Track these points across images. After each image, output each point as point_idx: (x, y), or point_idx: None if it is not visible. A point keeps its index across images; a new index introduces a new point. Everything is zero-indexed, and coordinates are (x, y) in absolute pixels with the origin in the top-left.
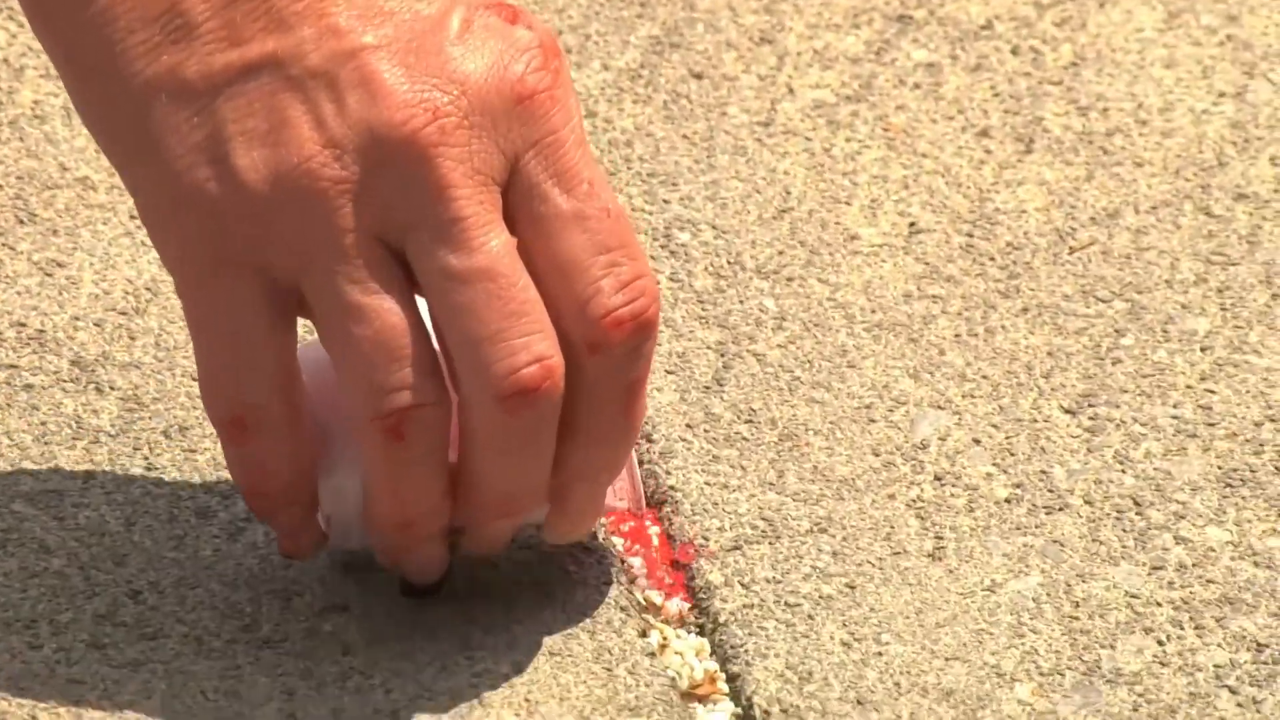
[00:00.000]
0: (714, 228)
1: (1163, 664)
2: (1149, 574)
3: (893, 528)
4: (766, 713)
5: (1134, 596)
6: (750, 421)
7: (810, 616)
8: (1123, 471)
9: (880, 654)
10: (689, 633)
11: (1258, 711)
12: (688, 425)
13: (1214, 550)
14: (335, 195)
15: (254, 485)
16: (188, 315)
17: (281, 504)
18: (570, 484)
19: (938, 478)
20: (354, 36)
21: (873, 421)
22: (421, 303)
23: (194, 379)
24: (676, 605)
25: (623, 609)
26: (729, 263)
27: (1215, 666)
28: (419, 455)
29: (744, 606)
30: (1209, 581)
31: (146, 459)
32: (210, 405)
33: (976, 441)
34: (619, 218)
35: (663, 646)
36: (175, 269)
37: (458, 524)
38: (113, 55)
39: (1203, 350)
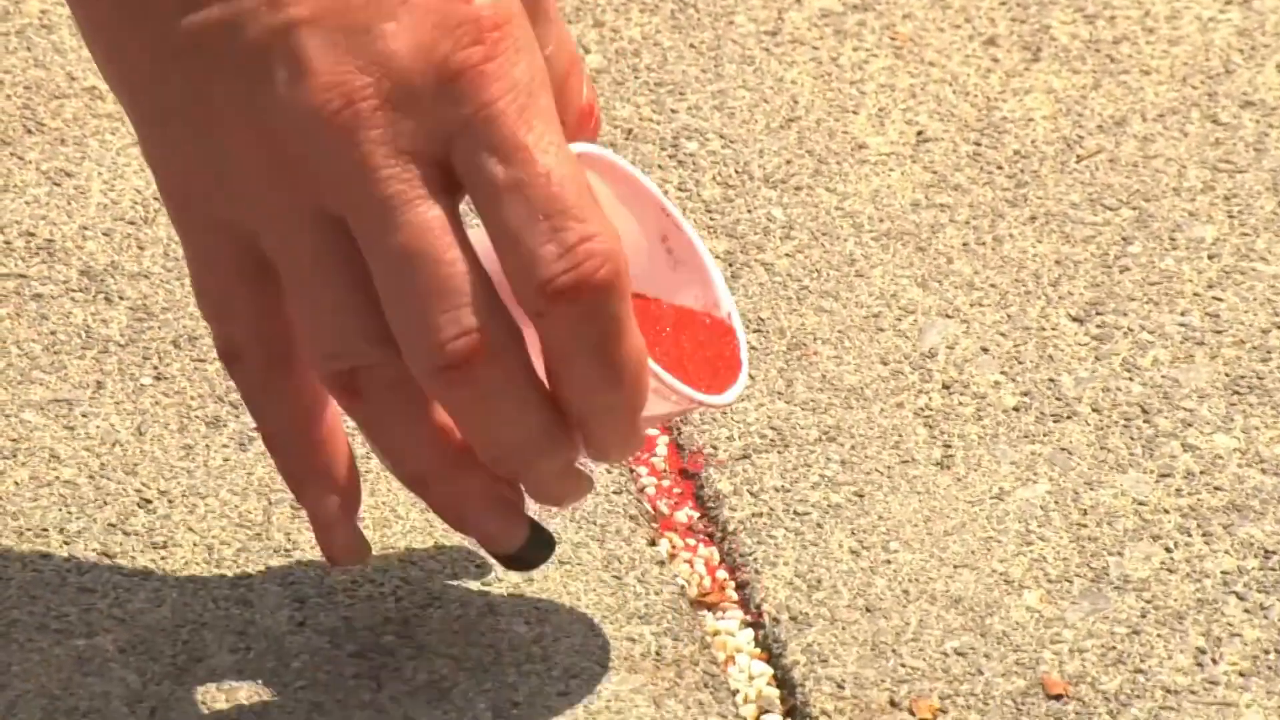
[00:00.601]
0: (722, 137)
1: (1170, 570)
2: (1157, 481)
3: (901, 436)
4: (775, 620)
5: (1142, 504)
6: (759, 330)
7: (819, 525)
8: (1130, 379)
9: (889, 562)
10: (698, 541)
11: (1265, 617)
12: None
13: (1221, 457)
14: (276, 171)
15: (254, 413)
16: (183, 251)
17: (310, 474)
18: (585, 423)
19: (946, 386)
20: (290, 9)
21: (881, 330)
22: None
23: None
24: (685, 514)
25: (632, 518)
26: (737, 172)
27: (1223, 573)
28: (385, 411)
29: (753, 515)
30: (1216, 488)
31: (156, 368)
32: (215, 338)
33: (984, 350)
34: (563, 181)
35: (672, 555)
36: (166, 204)
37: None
38: (87, 19)
39: (1210, 258)
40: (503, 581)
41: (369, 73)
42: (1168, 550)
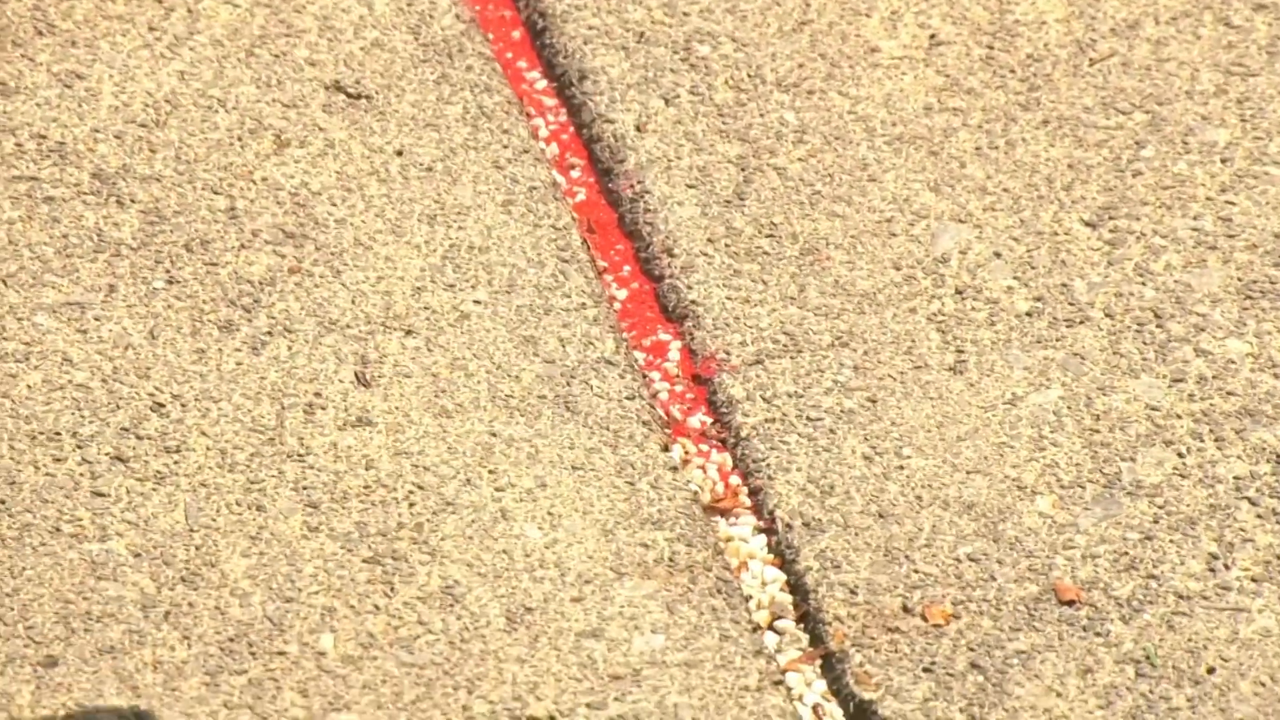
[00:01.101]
0: (734, 40)
1: (1183, 476)
2: (1169, 386)
3: (914, 342)
4: (789, 525)
5: (1154, 409)
6: (771, 235)
7: (832, 430)
8: (1143, 284)
9: (901, 467)
10: (711, 447)
11: (1278, 523)
12: (709, 239)
13: (1234, 362)
14: None
15: None
16: None
17: None
18: None
19: (959, 291)
20: None
21: (893, 235)
22: None
23: (215, 192)
24: (698, 420)
25: (645, 423)
26: (749, 76)
27: (1235, 478)
28: None
29: (765, 421)
30: (1229, 393)
31: (168, 272)
32: None
33: (997, 255)
34: None
35: (685, 461)
36: None
37: None
38: None
39: (1223, 162)
40: (515, 487)
41: None
42: (1180, 455)
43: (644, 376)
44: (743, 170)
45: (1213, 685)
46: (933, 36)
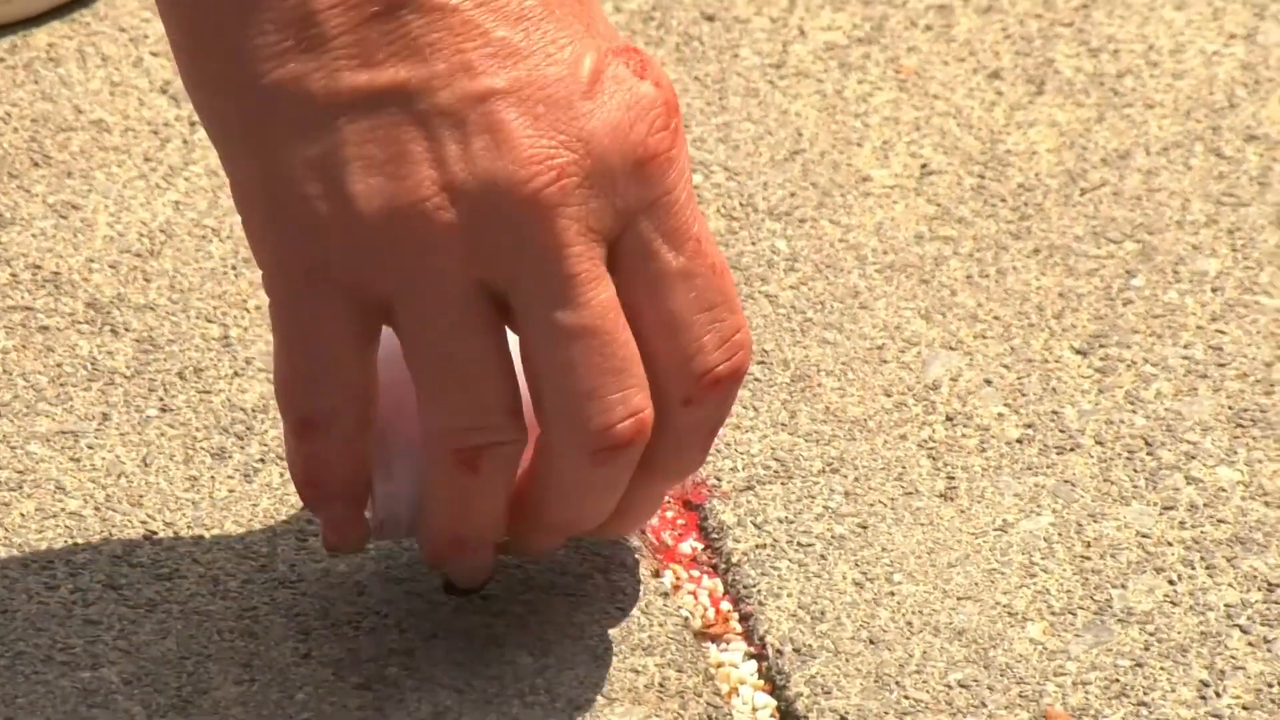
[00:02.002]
0: (726, 169)
1: (1174, 603)
2: (1160, 514)
3: (905, 468)
4: (779, 652)
5: (1145, 536)
6: (763, 362)
7: (823, 556)
8: (1134, 411)
9: (892, 593)
10: (702, 573)
11: (1269, 651)
12: None
13: (1225, 490)
14: (446, 237)
15: (311, 477)
16: (274, 316)
17: (334, 498)
18: (637, 502)
19: (949, 418)
20: (485, 78)
21: (885, 362)
22: (511, 337)
23: (208, 320)
24: (690, 546)
25: (636, 549)
26: (741, 204)
27: (1226, 606)
28: (488, 486)
29: (757, 546)
30: (1220, 521)
31: (161, 400)
32: (284, 405)
33: (988, 382)
34: (723, 273)
35: (676, 587)
36: (267, 270)
37: (510, 537)
38: (241, 51)
39: (1213, 291)
40: (507, 614)
41: (573, 149)
42: (1171, 583)
43: None
44: None
45: None
46: (924, 166)
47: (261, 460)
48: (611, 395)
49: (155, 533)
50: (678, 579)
